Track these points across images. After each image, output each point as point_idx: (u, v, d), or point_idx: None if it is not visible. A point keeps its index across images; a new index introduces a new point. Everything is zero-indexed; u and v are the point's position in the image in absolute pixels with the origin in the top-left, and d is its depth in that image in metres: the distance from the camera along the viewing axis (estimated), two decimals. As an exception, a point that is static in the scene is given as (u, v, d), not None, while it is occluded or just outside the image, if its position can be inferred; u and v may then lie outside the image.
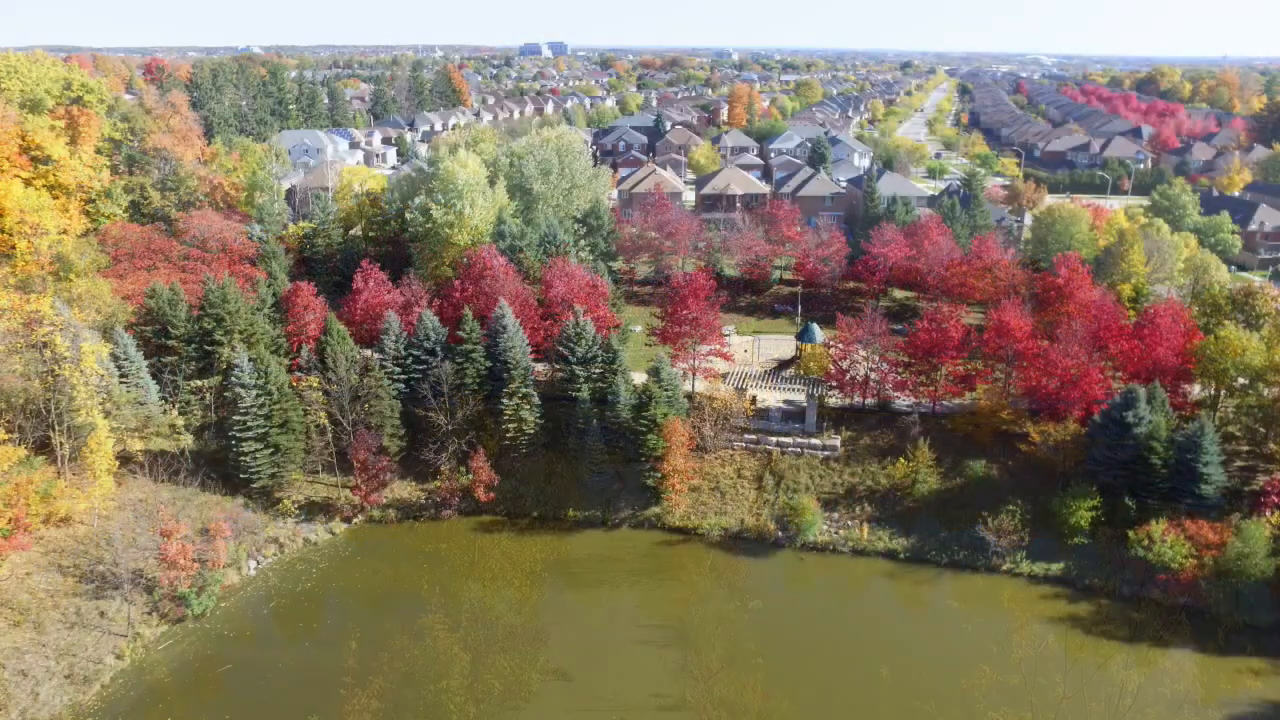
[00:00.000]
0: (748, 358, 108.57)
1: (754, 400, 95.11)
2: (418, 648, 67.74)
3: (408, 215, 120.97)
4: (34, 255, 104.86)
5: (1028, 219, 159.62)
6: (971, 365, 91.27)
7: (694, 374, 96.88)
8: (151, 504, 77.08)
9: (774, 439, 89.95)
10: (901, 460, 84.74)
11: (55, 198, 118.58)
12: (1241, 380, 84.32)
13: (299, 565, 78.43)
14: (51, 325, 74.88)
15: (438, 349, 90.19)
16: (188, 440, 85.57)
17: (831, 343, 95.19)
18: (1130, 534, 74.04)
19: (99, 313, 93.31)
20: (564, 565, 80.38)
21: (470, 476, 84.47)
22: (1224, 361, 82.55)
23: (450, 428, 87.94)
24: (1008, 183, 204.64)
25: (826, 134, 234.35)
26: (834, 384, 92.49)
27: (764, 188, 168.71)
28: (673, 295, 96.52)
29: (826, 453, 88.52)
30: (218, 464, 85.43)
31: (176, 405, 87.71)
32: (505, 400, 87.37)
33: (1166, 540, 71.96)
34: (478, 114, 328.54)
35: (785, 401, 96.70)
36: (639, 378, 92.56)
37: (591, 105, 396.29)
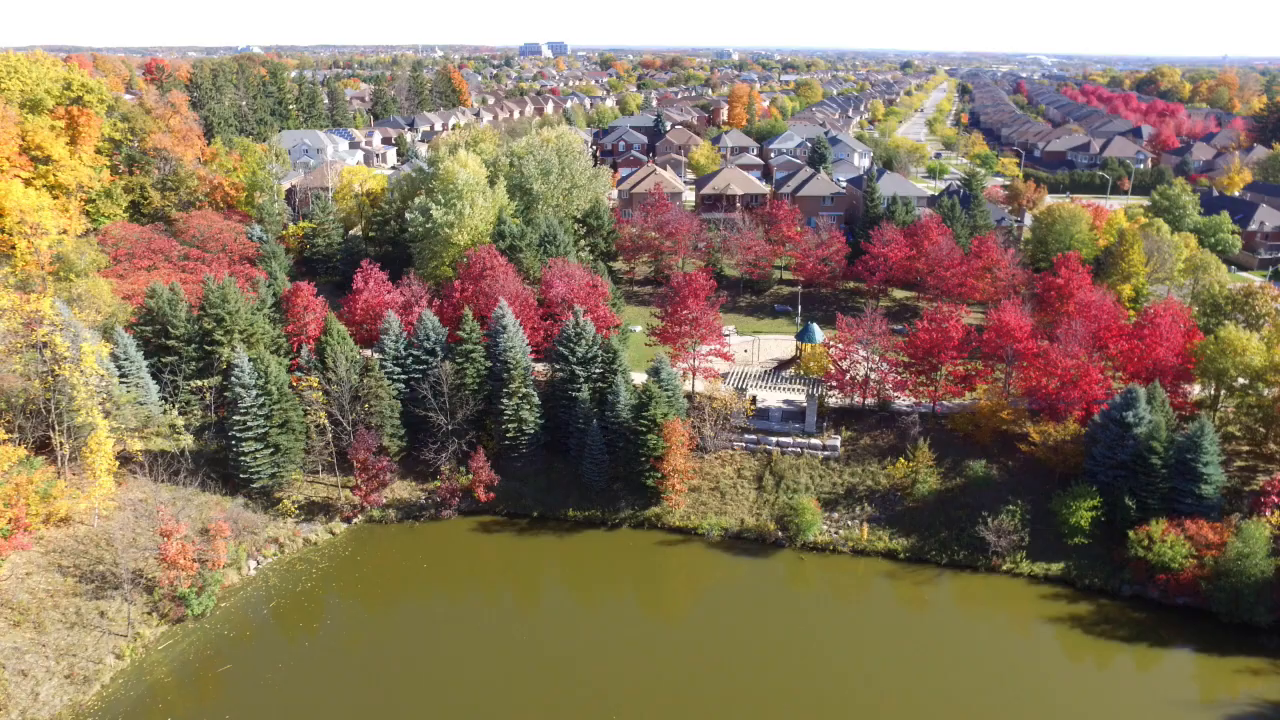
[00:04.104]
0: (748, 358, 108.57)
1: (754, 400, 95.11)
2: (418, 648, 67.77)
3: (408, 215, 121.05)
4: (34, 255, 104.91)
5: (1028, 219, 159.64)
6: (971, 365, 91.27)
7: (694, 374, 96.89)
8: (151, 504, 77.03)
9: (774, 439, 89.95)
10: (901, 460, 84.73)
11: (55, 198, 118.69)
12: (1241, 380, 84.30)
13: (299, 565, 78.43)
14: (51, 325, 74.83)
15: (438, 349, 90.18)
16: (188, 440, 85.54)
17: (831, 343, 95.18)
18: (1130, 534, 74.01)
19: (99, 313, 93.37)
20: (564, 565, 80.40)
21: (470, 476, 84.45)
22: (1224, 361, 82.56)
23: (450, 428, 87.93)
24: (1008, 183, 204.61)
25: (826, 134, 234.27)
26: (834, 384, 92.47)
27: (764, 188, 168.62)
28: (673, 295, 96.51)
29: (826, 453, 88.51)
30: (218, 464, 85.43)
31: (176, 405, 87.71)
32: (505, 400, 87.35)
33: (1166, 540, 71.95)
34: (478, 114, 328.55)
35: (785, 401, 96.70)
36: (639, 378, 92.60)
37: (591, 105, 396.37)
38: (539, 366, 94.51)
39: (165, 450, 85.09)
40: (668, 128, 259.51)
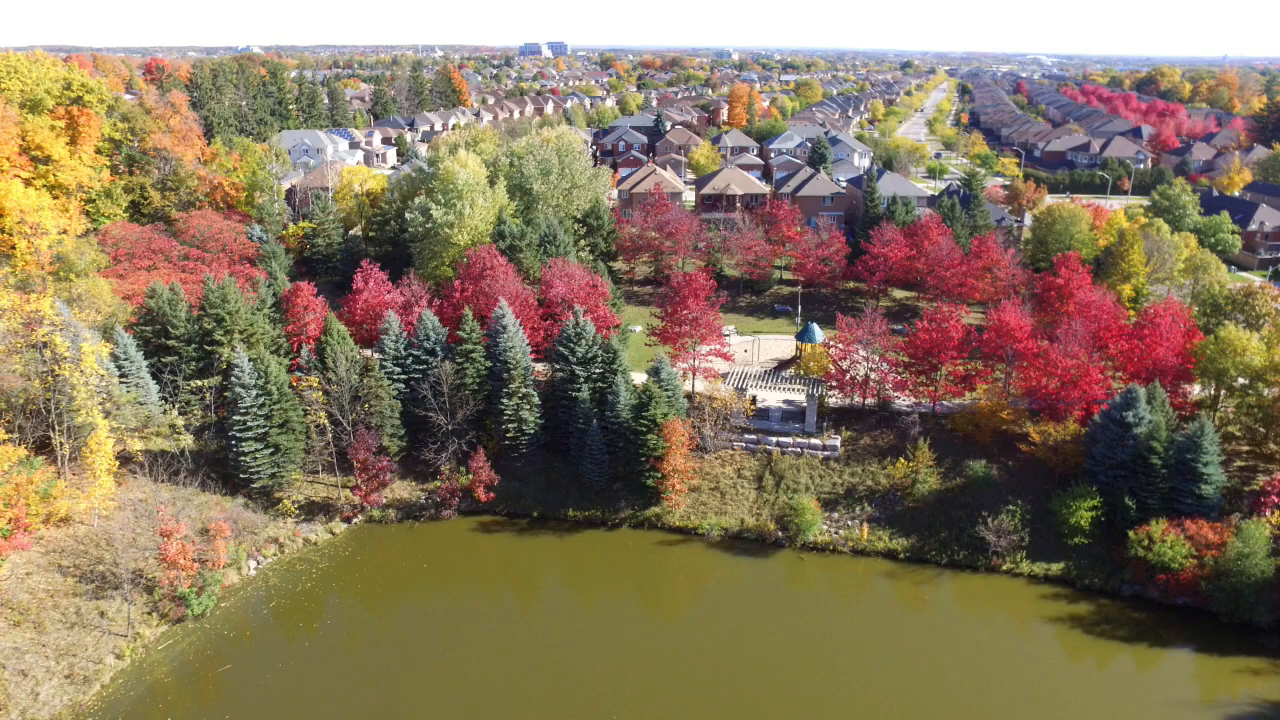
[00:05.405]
0: (748, 358, 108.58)
1: (754, 400, 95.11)
2: (418, 648, 67.77)
3: (408, 215, 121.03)
4: (34, 255, 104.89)
5: (1028, 219, 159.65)
6: (971, 365, 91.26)
7: (694, 374, 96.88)
8: (151, 504, 77.03)
9: (774, 439, 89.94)
10: (901, 460, 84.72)
11: (55, 198, 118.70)
12: (1241, 380, 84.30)
13: (299, 565, 78.43)
14: (51, 325, 74.84)
15: (438, 349, 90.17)
16: (188, 440, 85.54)
17: (831, 343, 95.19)
18: (1130, 534, 74.01)
19: (99, 313, 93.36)
20: (564, 565, 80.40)
21: (470, 476, 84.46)
22: (1224, 361, 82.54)
23: (450, 428, 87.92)
24: (1008, 183, 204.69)
25: (826, 134, 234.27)
26: (834, 384, 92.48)
27: (764, 188, 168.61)
28: (673, 295, 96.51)
29: (826, 453, 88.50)
30: (218, 464, 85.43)
31: (176, 405, 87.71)
32: (505, 400, 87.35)
33: (1166, 540, 71.95)
34: (478, 114, 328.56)
35: (785, 401, 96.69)
36: (639, 378, 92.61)
37: (591, 105, 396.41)
38: (539, 366, 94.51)
39: (165, 450, 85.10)
40: (668, 128, 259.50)
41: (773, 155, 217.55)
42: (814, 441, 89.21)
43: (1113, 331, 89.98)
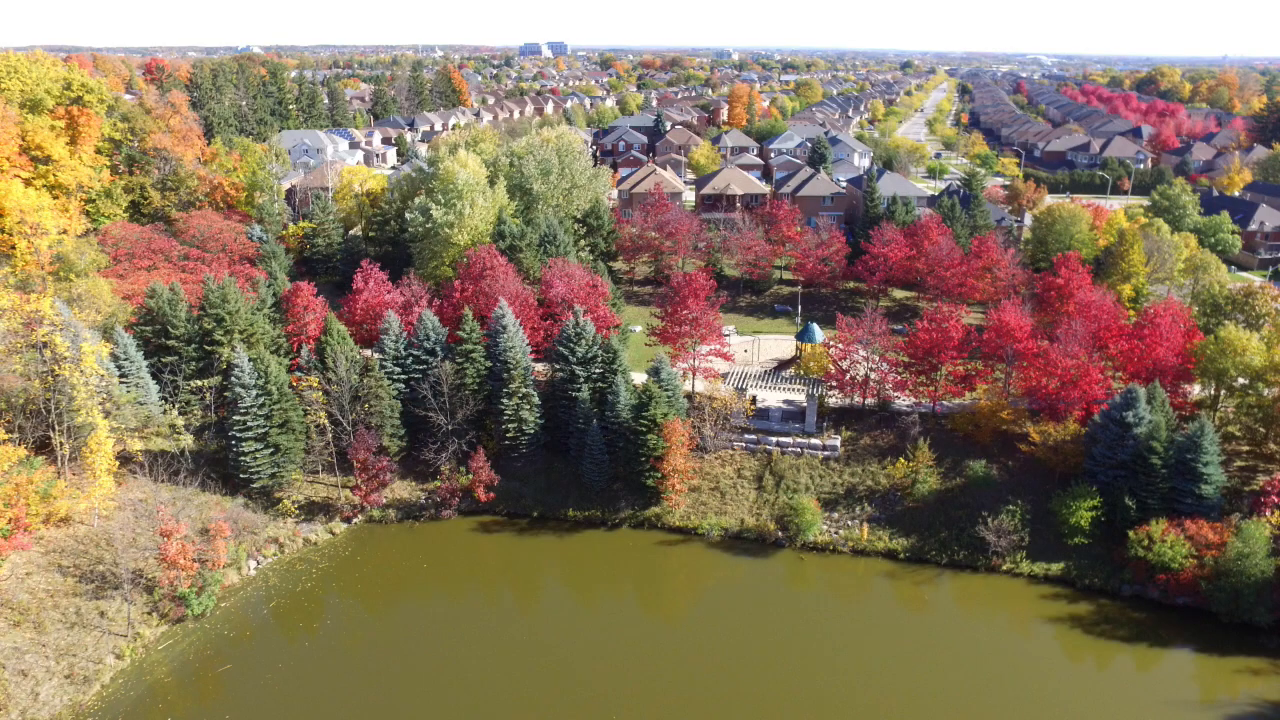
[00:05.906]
0: (748, 358, 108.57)
1: (754, 400, 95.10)
2: (418, 648, 67.77)
3: (408, 215, 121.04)
4: (34, 255, 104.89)
5: (1028, 219, 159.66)
6: (971, 365, 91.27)
7: (694, 374, 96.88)
8: (151, 504, 77.03)
9: (774, 439, 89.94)
10: (901, 460, 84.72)
11: (55, 198, 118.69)
12: (1241, 380, 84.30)
13: (299, 565, 78.43)
14: (51, 325, 74.83)
15: (438, 349, 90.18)
16: (188, 440, 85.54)
17: (831, 343, 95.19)
18: (1130, 534, 74.01)
19: (99, 313, 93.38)
20: (564, 565, 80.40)
21: (470, 476, 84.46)
22: (1224, 361, 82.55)
23: (450, 428, 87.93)
24: (1008, 183, 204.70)
25: (826, 134, 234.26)
26: (834, 384, 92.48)
27: (764, 188, 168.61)
28: (673, 295, 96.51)
29: (826, 453, 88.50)
30: (218, 464, 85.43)
31: (176, 405, 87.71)
32: (505, 400, 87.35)
33: (1166, 540, 71.94)
34: (478, 114, 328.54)
35: (785, 401, 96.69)
36: (639, 378, 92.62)
37: (591, 105, 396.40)
38: (539, 366, 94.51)
39: (165, 450, 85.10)
40: (668, 128, 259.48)
41: (773, 155, 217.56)
42: (814, 441, 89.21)
43: (1113, 331, 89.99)
